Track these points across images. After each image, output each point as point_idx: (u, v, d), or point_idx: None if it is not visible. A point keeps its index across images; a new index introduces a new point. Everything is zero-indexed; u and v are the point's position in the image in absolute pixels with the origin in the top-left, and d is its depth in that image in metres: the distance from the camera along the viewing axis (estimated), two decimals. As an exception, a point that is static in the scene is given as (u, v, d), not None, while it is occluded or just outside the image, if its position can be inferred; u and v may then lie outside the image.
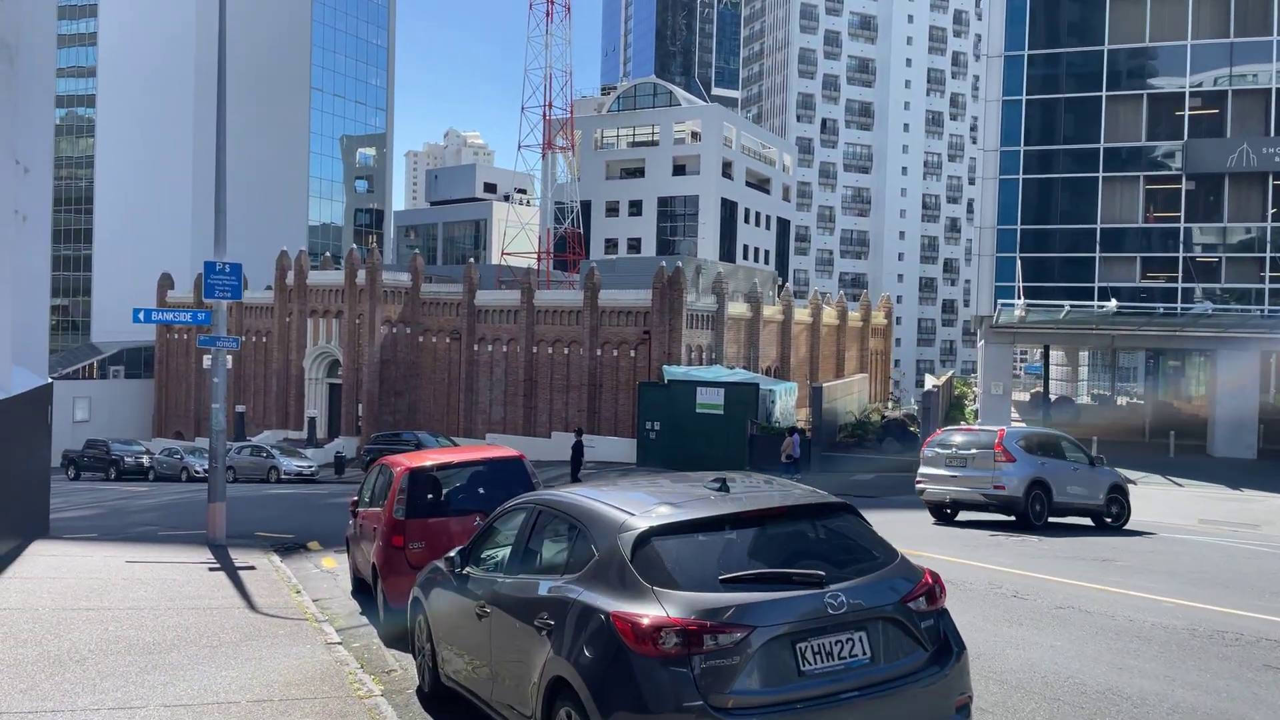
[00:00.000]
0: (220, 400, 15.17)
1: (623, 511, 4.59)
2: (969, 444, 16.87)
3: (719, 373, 39.38)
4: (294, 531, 17.60)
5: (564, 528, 5.00)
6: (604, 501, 4.82)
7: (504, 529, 5.89)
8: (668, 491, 5.05)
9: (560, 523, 5.07)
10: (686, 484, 5.27)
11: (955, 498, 17.07)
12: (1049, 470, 16.64)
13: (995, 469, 16.20)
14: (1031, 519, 16.30)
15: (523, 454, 9.68)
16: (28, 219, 15.59)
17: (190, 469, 37.96)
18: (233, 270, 15.11)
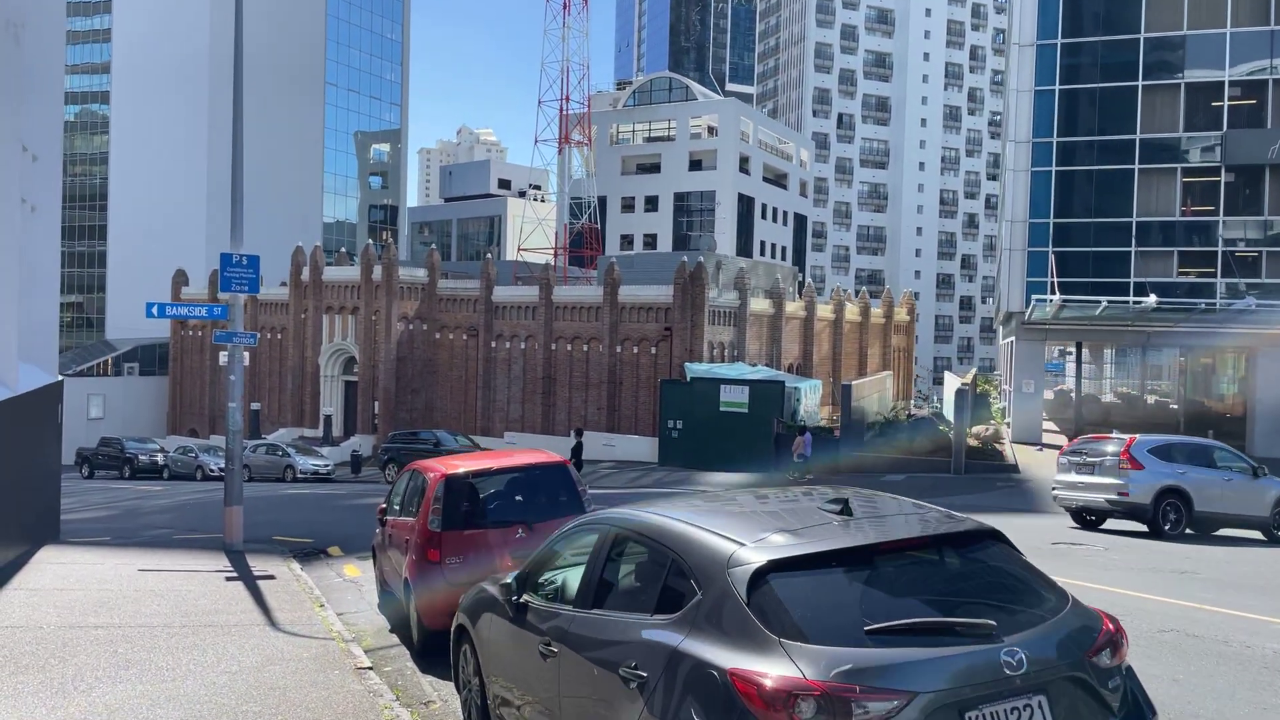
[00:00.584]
0: (237, 399, 14.46)
1: (729, 540, 3.79)
2: (1100, 451, 16.89)
3: (741, 370, 38.56)
4: (313, 535, 16.90)
5: (651, 556, 4.19)
6: (701, 525, 4.01)
7: (569, 552, 5.10)
8: (774, 512, 4.26)
9: (645, 550, 4.26)
10: (790, 501, 4.48)
11: (1083, 504, 17.12)
12: (1191, 479, 16.21)
13: (1122, 476, 16.18)
14: (1162, 528, 15.91)
15: (567, 459, 8.90)
16: (36, 209, 14.92)
17: (205, 467, 37.40)
18: (250, 262, 14.40)
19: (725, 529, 3.90)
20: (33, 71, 14.37)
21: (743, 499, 4.73)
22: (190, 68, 72.29)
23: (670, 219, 73.68)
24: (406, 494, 9.20)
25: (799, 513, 4.16)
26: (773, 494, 4.82)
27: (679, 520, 4.14)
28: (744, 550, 3.67)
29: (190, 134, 72.42)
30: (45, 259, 15.32)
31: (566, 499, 8.42)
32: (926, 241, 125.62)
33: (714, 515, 4.21)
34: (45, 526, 14.74)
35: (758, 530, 3.85)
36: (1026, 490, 25.55)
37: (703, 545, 3.83)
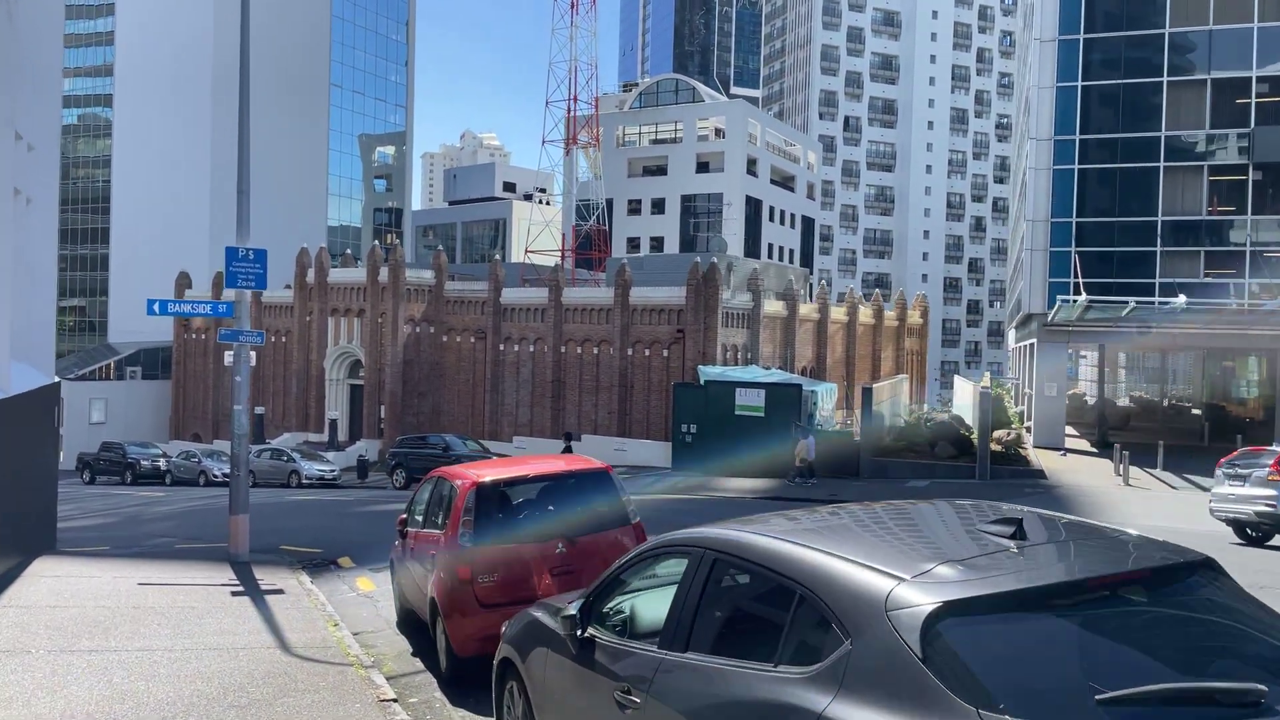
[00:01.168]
0: (243, 401, 13.67)
1: (882, 573, 2.94)
2: (1253, 462, 16.34)
3: (755, 373, 37.73)
4: (321, 544, 16.10)
5: (769, 589, 3.34)
6: (836, 552, 3.16)
7: (645, 578, 4.30)
8: (922, 535, 3.44)
9: (760, 581, 3.42)
10: (932, 520, 3.67)
11: (1233, 515, 16.54)
12: None
13: (1271, 487, 15.52)
14: None
15: (609, 465, 8.08)
16: (32, 202, 14.16)
17: (208, 473, 36.62)
18: (257, 257, 13.61)
19: (870, 557, 3.07)
20: (28, 55, 13.61)
21: (863, 515, 3.89)
22: (193, 70, 71.68)
23: (677, 221, 72.96)
24: (430, 504, 8.38)
25: (955, 535, 3.34)
26: (894, 508, 4.00)
27: (802, 544, 3.30)
28: (906, 588, 2.83)
29: (193, 136, 71.79)
30: (41, 255, 14.57)
31: (609, 511, 7.61)
32: (934, 245, 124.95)
33: (844, 537, 3.39)
34: (41, 536, 13.96)
35: (915, 560, 3.02)
36: (1058, 497, 24.68)
37: (845, 579, 2.99)
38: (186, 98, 71.87)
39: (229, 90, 69.95)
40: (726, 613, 3.61)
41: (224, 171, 69.80)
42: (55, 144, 15.54)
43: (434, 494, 8.39)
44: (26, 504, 12.95)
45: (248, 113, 14.04)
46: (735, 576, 3.58)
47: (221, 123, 70.36)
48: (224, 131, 70.01)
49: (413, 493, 9.39)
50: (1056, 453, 33.82)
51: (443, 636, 7.31)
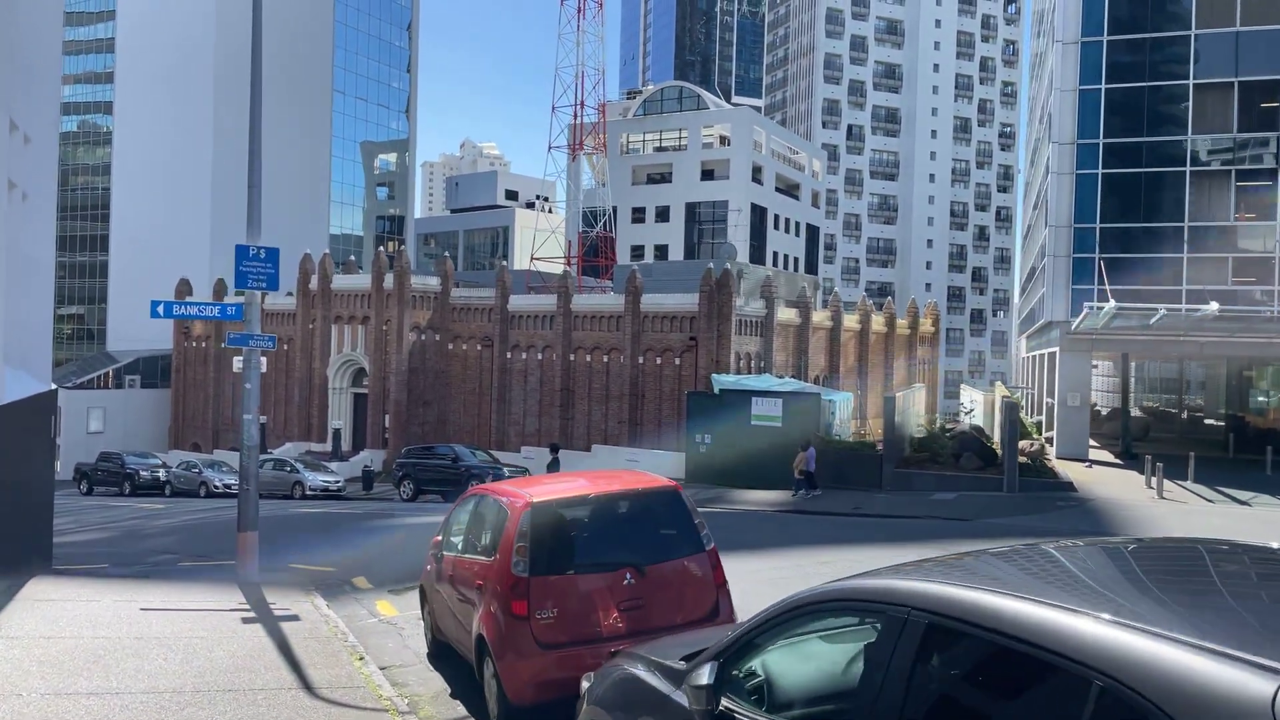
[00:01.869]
0: (252, 410, 12.77)
1: (1255, 666, 2.00)
2: None
3: (768, 382, 36.85)
4: (333, 561, 15.17)
5: (1034, 675, 2.35)
6: (1152, 629, 2.23)
7: (798, 636, 3.40)
8: (1234, 596, 2.55)
9: (1014, 660, 2.41)
10: (1205, 562, 2.78)
11: None
12: None
13: None
14: None
15: (678, 484, 7.16)
16: (28, 197, 13.28)
17: (209, 484, 35.68)
18: (269, 256, 12.74)
19: (1216, 638, 2.14)
20: (26, 42, 12.75)
21: (1116, 560, 2.97)
22: (195, 76, 70.95)
23: (682, 229, 72.25)
24: (472, 526, 7.45)
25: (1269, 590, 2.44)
26: (1140, 548, 3.09)
27: (1077, 611, 2.36)
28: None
29: (194, 143, 71.02)
30: (38, 253, 13.68)
31: (681, 535, 6.70)
32: (937, 254, 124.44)
33: (1125, 594, 2.49)
34: (35, 554, 13.04)
35: (1269, 639, 2.12)
36: (1093, 511, 23.78)
37: (1191, 673, 2.05)
38: (188, 104, 71.12)
39: (230, 96, 69.26)
40: (955, 698, 2.70)
41: (225, 178, 69.04)
42: (54, 138, 14.68)
43: (477, 514, 7.46)
44: (20, 520, 12.04)
45: (259, 102, 13.20)
46: (968, 648, 2.67)
47: (223, 129, 69.63)
48: (225, 138, 69.27)
49: (448, 511, 8.46)
50: (1081, 464, 32.93)
51: (494, 681, 6.37)
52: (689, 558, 6.57)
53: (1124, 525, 21.50)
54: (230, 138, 69.12)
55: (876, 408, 48.34)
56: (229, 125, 69.28)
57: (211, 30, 70.49)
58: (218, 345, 51.21)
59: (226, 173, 68.84)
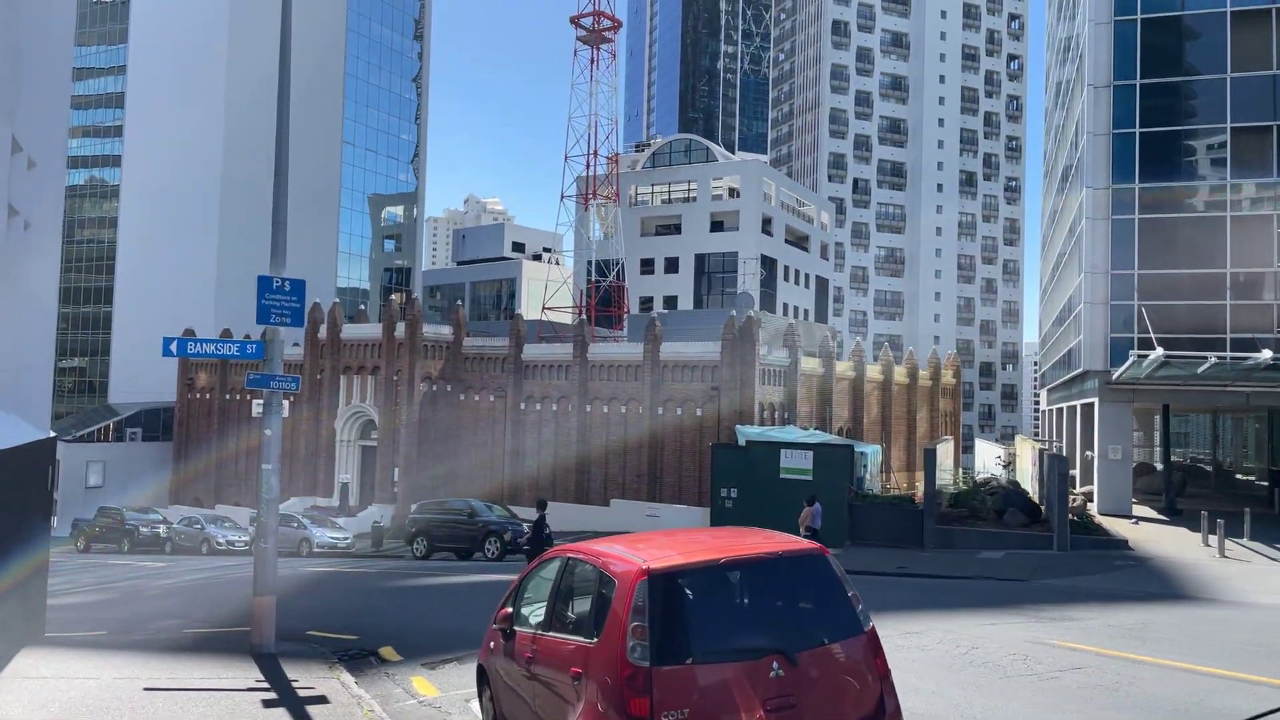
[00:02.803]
0: (273, 460, 11.47)
1: None
2: None
3: (794, 433, 35.51)
4: (354, 628, 13.72)
5: None
6: None
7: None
8: None
9: None
10: None
11: None
12: None
13: None
14: None
15: (824, 547, 5.82)
16: (30, 226, 12.14)
17: (211, 540, 34.15)
18: (294, 288, 11.55)
19: None
20: (32, 59, 11.72)
21: None
22: (204, 129, 70.79)
23: (691, 280, 71.62)
24: (560, 597, 6.09)
25: None
26: None
27: None
28: None
29: (200, 196, 70.58)
30: (39, 288, 12.50)
31: (833, 611, 5.37)
32: (945, 306, 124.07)
33: None
34: (26, 621, 11.62)
35: None
36: (1157, 571, 22.26)
37: None
38: (196, 158, 70.87)
39: (239, 150, 69.04)
40: None
41: (231, 231, 68.47)
42: (61, 166, 13.60)
43: (564, 582, 6.10)
44: (7, 586, 10.65)
45: (286, 120, 12.12)
46: None
47: (231, 183, 69.29)
48: (232, 192, 68.91)
49: (519, 577, 7.07)
50: (1126, 521, 31.40)
51: (602, 805, 4.99)
52: (845, 641, 5.24)
53: (1195, 587, 19.99)
54: (237, 191, 68.75)
55: (900, 461, 46.93)
56: (237, 179, 68.96)
57: (222, 78, 70.50)
58: (222, 397, 49.96)
59: (232, 226, 68.35)
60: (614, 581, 5.33)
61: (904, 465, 46.22)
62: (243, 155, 69.22)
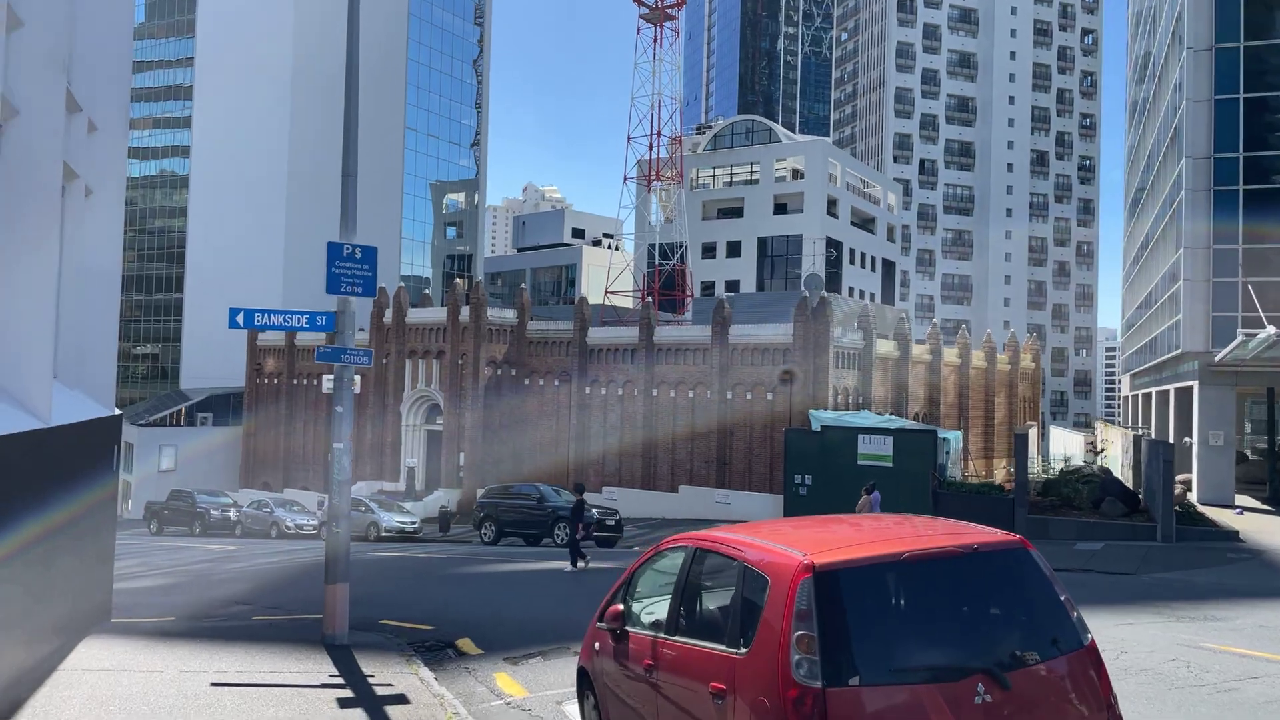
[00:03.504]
0: (344, 438, 10.73)
1: None
2: None
3: (868, 419, 34.14)
4: (429, 617, 13.00)
5: None
6: None
7: None
8: None
9: None
10: None
11: None
12: None
13: None
14: None
15: (1024, 538, 4.77)
16: (92, 193, 11.58)
17: (280, 524, 34.07)
18: (365, 256, 10.77)
19: None
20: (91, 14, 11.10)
21: None
22: (270, 117, 71.38)
23: (754, 264, 70.19)
24: (686, 594, 5.12)
25: None
26: None
27: None
28: None
29: (269, 182, 71.25)
30: (102, 260, 11.92)
31: (1046, 619, 4.31)
32: (1015, 290, 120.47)
33: None
34: (90, 607, 11.10)
35: None
36: (1275, 564, 20.59)
37: None
38: (263, 145, 71.52)
39: (306, 137, 69.45)
40: None
41: (299, 217, 68.98)
42: (122, 131, 13.02)
43: (692, 577, 5.13)
44: (72, 568, 10.10)
45: (355, 84, 11.32)
46: None
47: (298, 166, 69.77)
48: (300, 174, 69.38)
49: (629, 569, 6.10)
50: (1230, 510, 29.49)
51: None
52: (1063, 657, 4.19)
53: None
54: (305, 173, 69.21)
55: (977, 448, 45.20)
56: (302, 167, 69.43)
57: (289, 66, 70.94)
58: (289, 381, 50.16)
59: (299, 214, 68.86)
60: (764, 579, 4.33)
61: (981, 452, 44.47)
62: (308, 143, 69.65)
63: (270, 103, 71.27)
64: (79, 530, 10.36)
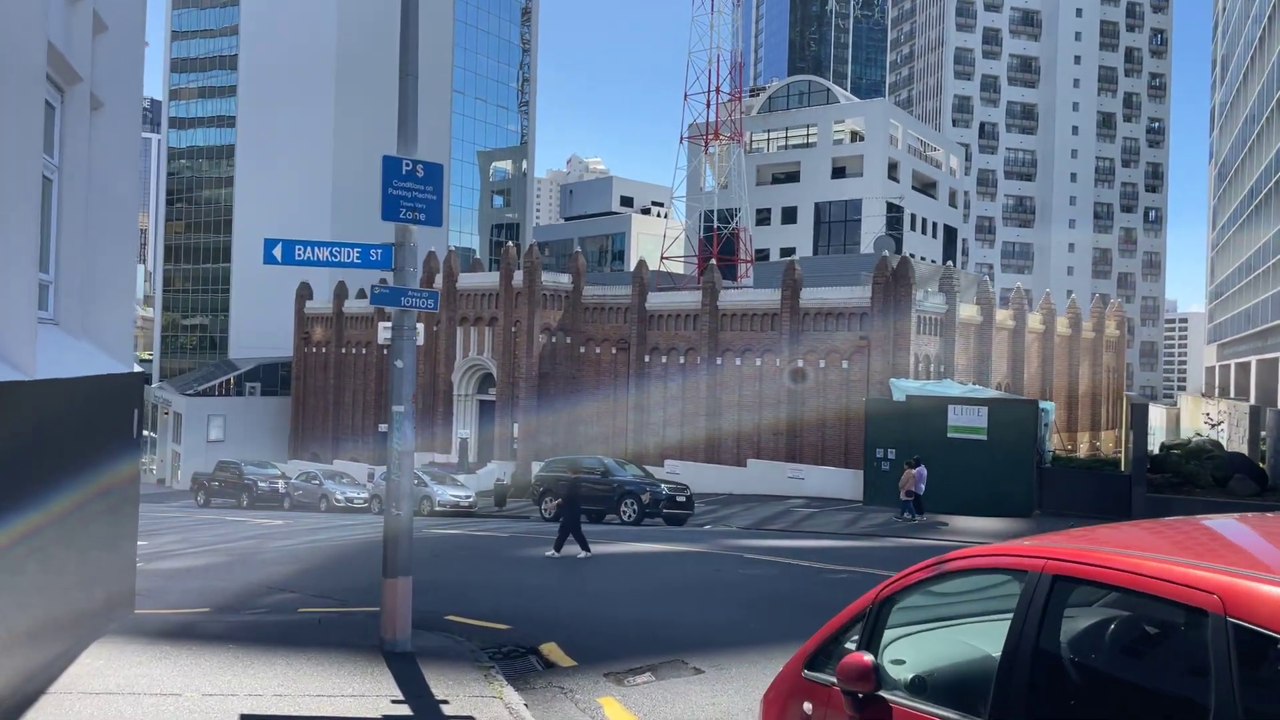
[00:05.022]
0: (406, 398, 8.68)
1: None
2: None
3: (952, 388, 31.63)
4: (501, 610, 11.02)
5: None
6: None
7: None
8: None
9: None
10: None
11: None
12: None
13: None
14: None
15: None
16: (104, 106, 9.61)
17: (330, 497, 32.58)
18: (429, 174, 8.66)
19: None
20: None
21: None
22: (316, 84, 69.95)
23: (810, 230, 67.37)
24: (1041, 657, 2.83)
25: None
26: None
27: None
28: None
29: (315, 150, 69.96)
30: (116, 184, 9.94)
31: None
32: (1079, 258, 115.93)
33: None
34: (104, 599, 9.26)
35: None
36: None
37: None
38: (309, 113, 70.18)
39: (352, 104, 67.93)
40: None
41: (345, 185, 67.58)
42: (138, 36, 10.98)
43: (1049, 624, 2.80)
44: (77, 555, 8.21)
45: None
46: None
47: (345, 135, 68.38)
48: (346, 144, 67.99)
49: (872, 596, 3.72)
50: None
51: None
52: None
53: None
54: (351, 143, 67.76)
55: (1061, 421, 42.34)
56: (350, 132, 67.93)
57: (334, 34, 69.34)
58: (338, 350, 48.75)
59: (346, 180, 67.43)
60: (1218, 628, 2.15)
61: (1064, 425, 41.64)
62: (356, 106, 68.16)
63: (315, 71, 69.78)
64: (87, 510, 8.47)
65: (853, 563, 15.02)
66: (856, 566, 14.49)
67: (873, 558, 16.14)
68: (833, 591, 12.66)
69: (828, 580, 13.36)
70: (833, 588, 12.94)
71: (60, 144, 8.77)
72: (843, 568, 14.39)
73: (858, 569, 14.24)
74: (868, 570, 14.10)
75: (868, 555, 16.61)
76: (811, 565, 14.69)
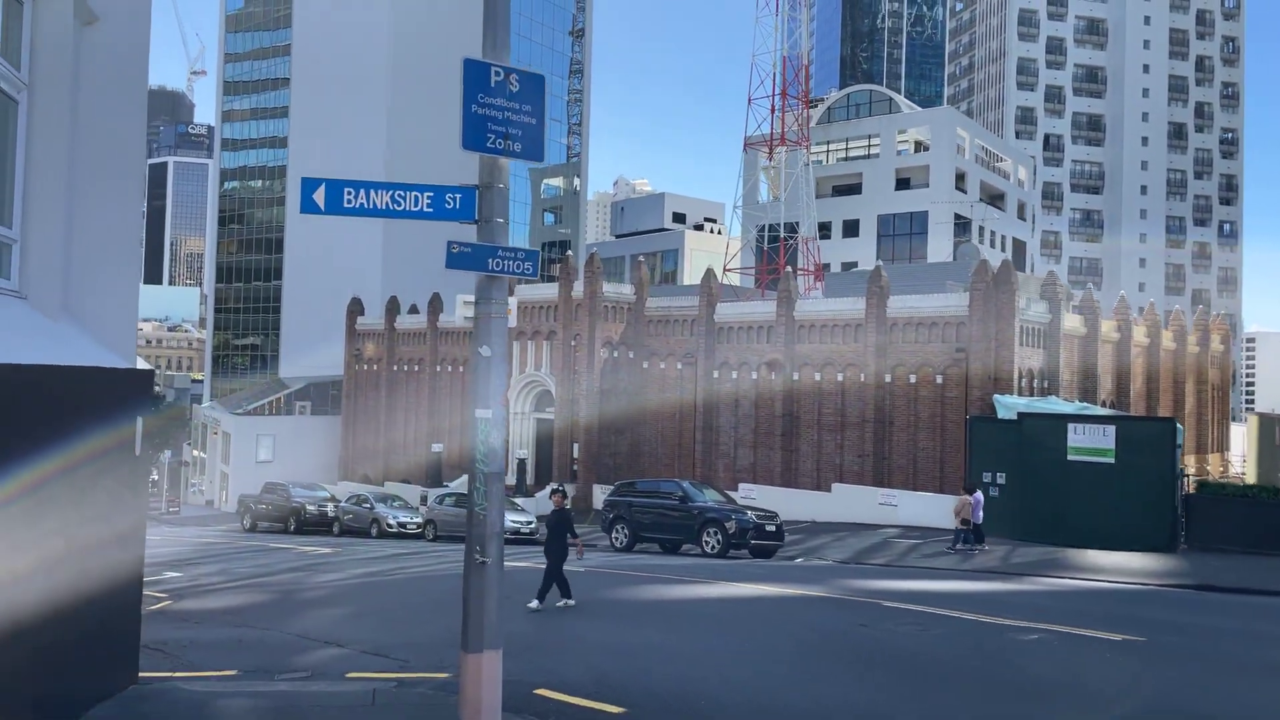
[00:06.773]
0: (496, 398, 6.19)
1: None
2: None
3: (1059, 406, 28.56)
4: (597, 676, 8.45)
5: None
6: None
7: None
8: None
9: None
10: None
11: None
12: None
13: None
14: None
15: None
16: (99, 20, 7.34)
17: (381, 521, 30.37)
18: (526, 88, 6.24)
19: None
20: None
21: None
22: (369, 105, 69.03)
23: (873, 244, 64.48)
24: None
25: None
26: None
27: None
28: None
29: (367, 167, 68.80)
30: (114, 122, 7.63)
31: None
32: (1150, 274, 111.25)
33: None
34: (99, 664, 6.86)
35: None
36: None
37: None
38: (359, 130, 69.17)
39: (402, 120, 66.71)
40: None
41: (396, 197, 66.15)
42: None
43: None
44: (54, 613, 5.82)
45: None
46: None
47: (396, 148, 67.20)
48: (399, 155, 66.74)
49: None
50: None
51: None
52: None
53: None
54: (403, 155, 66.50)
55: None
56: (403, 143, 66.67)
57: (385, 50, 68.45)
58: (389, 368, 46.89)
59: (399, 187, 65.96)
60: None
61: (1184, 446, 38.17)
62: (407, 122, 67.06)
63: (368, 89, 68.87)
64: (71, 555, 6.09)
65: (1021, 615, 12.15)
66: (1034, 621, 11.62)
67: (1038, 606, 13.27)
68: (1035, 660, 9.86)
69: (1019, 643, 10.53)
70: (1032, 654, 10.13)
71: (30, 54, 6.50)
72: (1022, 622, 11.52)
73: (1038, 625, 11.39)
74: (1049, 627, 11.27)
75: (1028, 603, 13.73)
76: (980, 619, 11.83)
